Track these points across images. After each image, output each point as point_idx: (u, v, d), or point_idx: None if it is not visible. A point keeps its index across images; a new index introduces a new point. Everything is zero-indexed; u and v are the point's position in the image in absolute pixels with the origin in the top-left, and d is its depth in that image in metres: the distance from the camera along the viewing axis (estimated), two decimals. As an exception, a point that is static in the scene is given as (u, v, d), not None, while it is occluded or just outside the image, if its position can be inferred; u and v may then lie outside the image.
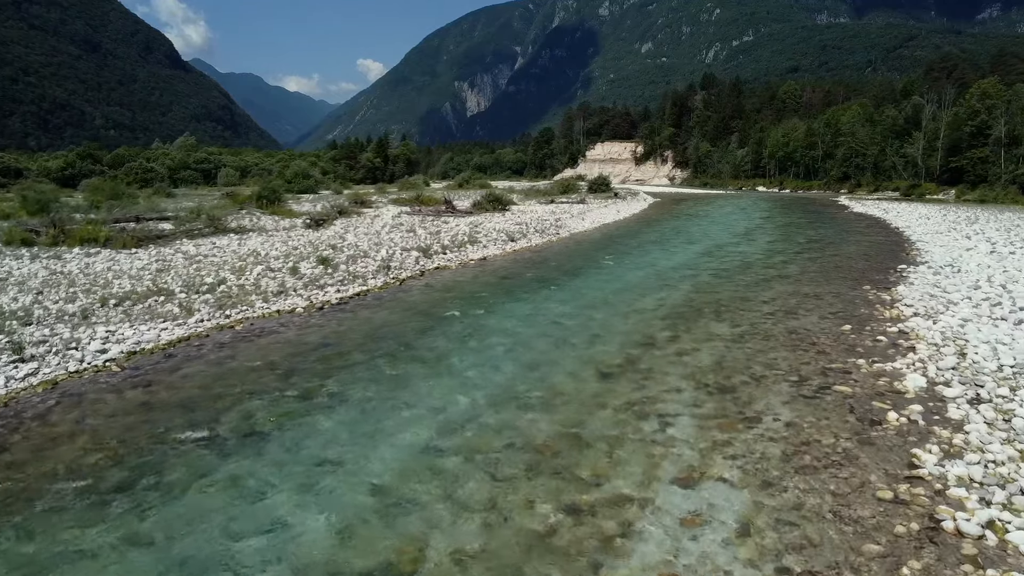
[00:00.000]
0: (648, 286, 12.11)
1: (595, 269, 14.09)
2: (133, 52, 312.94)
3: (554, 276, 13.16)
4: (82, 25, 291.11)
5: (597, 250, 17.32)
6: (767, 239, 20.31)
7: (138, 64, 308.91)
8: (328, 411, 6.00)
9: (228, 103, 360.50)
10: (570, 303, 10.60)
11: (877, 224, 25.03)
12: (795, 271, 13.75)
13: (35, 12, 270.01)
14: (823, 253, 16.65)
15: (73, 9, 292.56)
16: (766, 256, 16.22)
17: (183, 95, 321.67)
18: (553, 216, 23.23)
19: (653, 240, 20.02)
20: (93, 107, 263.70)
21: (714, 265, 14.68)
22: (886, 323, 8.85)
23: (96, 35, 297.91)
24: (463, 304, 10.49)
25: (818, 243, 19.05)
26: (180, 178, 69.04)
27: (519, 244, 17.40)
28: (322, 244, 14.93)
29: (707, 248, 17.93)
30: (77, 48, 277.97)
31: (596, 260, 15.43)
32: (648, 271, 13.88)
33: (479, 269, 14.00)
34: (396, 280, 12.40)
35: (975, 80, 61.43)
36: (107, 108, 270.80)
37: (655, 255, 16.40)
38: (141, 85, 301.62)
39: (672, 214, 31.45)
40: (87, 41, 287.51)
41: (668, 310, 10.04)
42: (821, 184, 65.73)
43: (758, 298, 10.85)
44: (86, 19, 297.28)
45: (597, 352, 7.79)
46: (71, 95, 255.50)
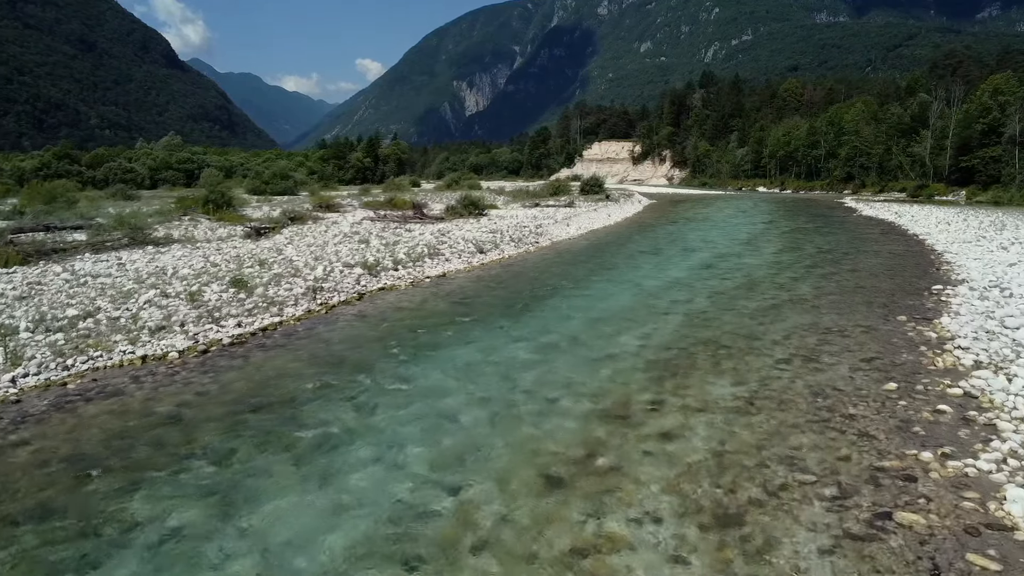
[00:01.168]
0: (632, 315, 9.85)
1: (571, 289, 11.83)
2: (129, 51, 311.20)
3: (519, 300, 10.89)
4: (78, 24, 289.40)
5: (578, 263, 15.05)
6: (772, 248, 18.06)
7: (134, 63, 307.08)
8: None
9: (225, 103, 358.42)
10: (530, 342, 8.33)
11: (892, 230, 22.78)
12: (809, 292, 11.49)
13: (30, 11, 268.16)
14: (838, 267, 14.39)
15: (69, 8, 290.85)
16: (773, 271, 13.96)
17: (179, 95, 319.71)
18: (534, 222, 20.93)
19: (644, 249, 17.74)
20: (88, 107, 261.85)
21: (713, 284, 12.42)
22: (942, 378, 6.59)
23: (92, 34, 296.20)
24: (392, 345, 8.23)
25: (830, 254, 16.79)
26: (161, 179, 66.94)
27: (489, 256, 15.13)
28: (250, 259, 12.66)
29: (705, 260, 15.66)
30: (72, 47, 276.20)
31: (575, 276, 13.17)
32: (634, 292, 11.61)
33: (433, 290, 11.74)
34: (324, 307, 10.13)
35: (980, 77, 59.26)
36: (102, 108, 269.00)
37: (645, 270, 14.13)
38: (137, 85, 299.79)
39: (668, 218, 29.16)
40: (82, 40, 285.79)
41: (653, 354, 7.77)
42: (824, 184, 63.54)
43: (767, 335, 8.58)
44: (82, 18, 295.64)
45: (548, 433, 5.52)
46: (66, 95, 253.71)
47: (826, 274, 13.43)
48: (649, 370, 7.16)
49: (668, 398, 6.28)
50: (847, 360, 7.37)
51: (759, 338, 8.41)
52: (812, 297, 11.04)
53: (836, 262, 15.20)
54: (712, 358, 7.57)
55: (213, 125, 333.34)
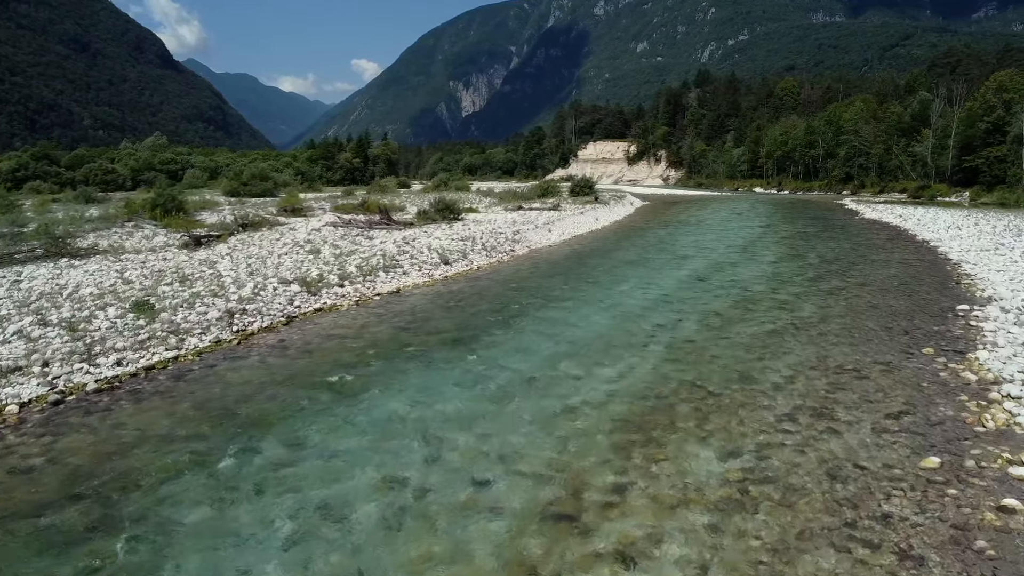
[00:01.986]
0: (606, 346, 8.25)
1: (540, 310, 10.23)
2: (123, 52, 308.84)
3: (475, 326, 9.28)
4: (71, 24, 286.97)
5: (554, 276, 13.44)
6: (771, 257, 16.47)
7: (128, 64, 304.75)
8: None
9: (220, 103, 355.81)
10: (473, 389, 6.73)
11: (898, 235, 21.20)
12: (814, 314, 9.90)
13: (23, 11, 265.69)
14: (845, 280, 12.80)
15: (62, 8, 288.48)
16: (772, 285, 12.38)
17: (174, 95, 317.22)
18: (512, 227, 19.28)
19: (631, 259, 16.13)
20: (81, 107, 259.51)
21: (704, 302, 10.82)
22: (997, 447, 5.00)
23: (86, 35, 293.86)
24: (301, 392, 6.61)
25: (835, 263, 15.20)
26: (144, 180, 65.20)
27: (454, 268, 13.51)
28: (173, 275, 11.01)
29: (696, 271, 14.06)
30: (66, 48, 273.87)
31: (547, 293, 11.57)
32: (612, 314, 10.01)
33: (379, 310, 10.12)
34: (239, 335, 8.50)
35: (981, 75, 57.92)
36: (96, 108, 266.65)
37: (628, 284, 12.53)
38: (131, 85, 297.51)
39: (660, 221, 27.56)
40: (76, 41, 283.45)
41: (623, 406, 6.16)
42: (822, 185, 62.15)
43: (766, 375, 6.99)
44: (75, 18, 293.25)
45: (460, 546, 3.91)
46: (59, 95, 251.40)
47: (832, 289, 11.84)
48: (615, 432, 5.55)
49: (634, 481, 4.67)
50: (869, 416, 5.77)
51: (756, 381, 6.81)
52: (818, 320, 9.45)
53: (842, 274, 13.62)
54: (696, 412, 5.96)
55: (208, 126, 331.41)
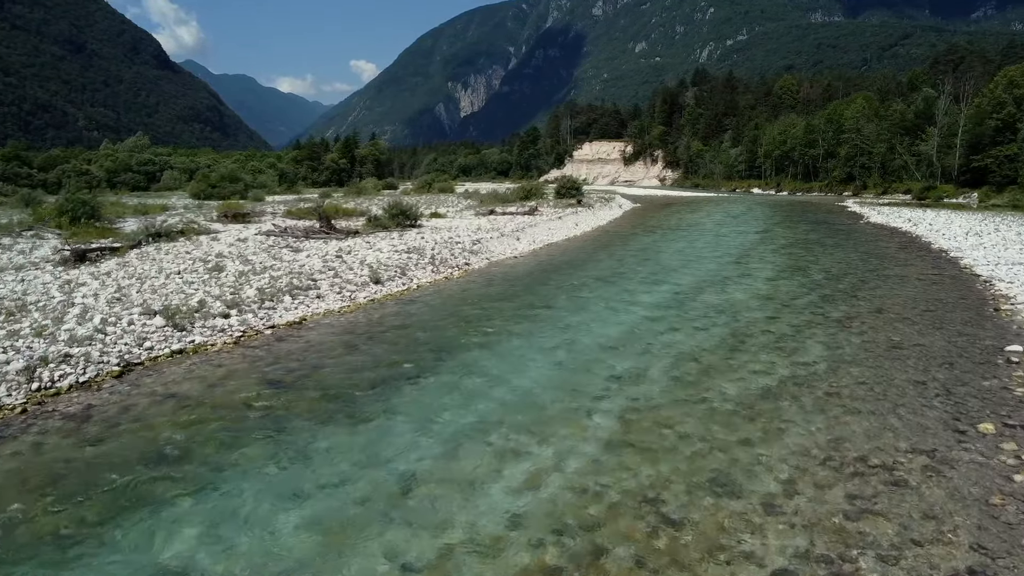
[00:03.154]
0: (527, 422, 5.94)
1: (468, 352, 7.92)
2: (119, 52, 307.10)
3: (366, 382, 6.97)
4: (66, 25, 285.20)
5: (505, 299, 11.14)
6: (767, 272, 14.14)
7: (124, 65, 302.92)
8: None
9: (217, 104, 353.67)
10: (318, 504, 4.42)
11: (910, 243, 18.89)
12: (821, 359, 7.59)
13: (17, 12, 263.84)
14: (857, 305, 10.49)
15: (57, 9, 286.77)
16: (767, 312, 10.07)
17: (170, 96, 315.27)
18: (474, 236, 16.88)
19: (603, 274, 13.79)
20: (76, 108, 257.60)
21: (679, 339, 8.51)
22: None
23: (81, 35, 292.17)
24: (60, 519, 4.30)
25: (843, 280, 12.89)
26: (120, 181, 62.98)
27: (387, 288, 11.20)
28: (4, 305, 8.70)
29: (677, 292, 11.74)
30: (61, 48, 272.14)
31: (486, 325, 9.26)
32: (554, 361, 7.69)
33: (258, 353, 7.82)
34: (35, 397, 6.19)
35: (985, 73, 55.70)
36: (90, 109, 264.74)
37: (590, 310, 10.22)
38: (127, 86, 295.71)
39: (647, 227, 25.22)
40: (71, 41, 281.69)
41: (525, 553, 3.85)
42: (822, 185, 59.94)
43: (754, 482, 4.68)
44: (71, 19, 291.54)
45: None
46: (53, 96, 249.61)
47: (842, 319, 9.52)
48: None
49: None
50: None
51: (738, 491, 4.50)
52: (826, 370, 7.14)
53: (852, 295, 11.31)
54: (635, 564, 3.65)
55: (204, 127, 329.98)
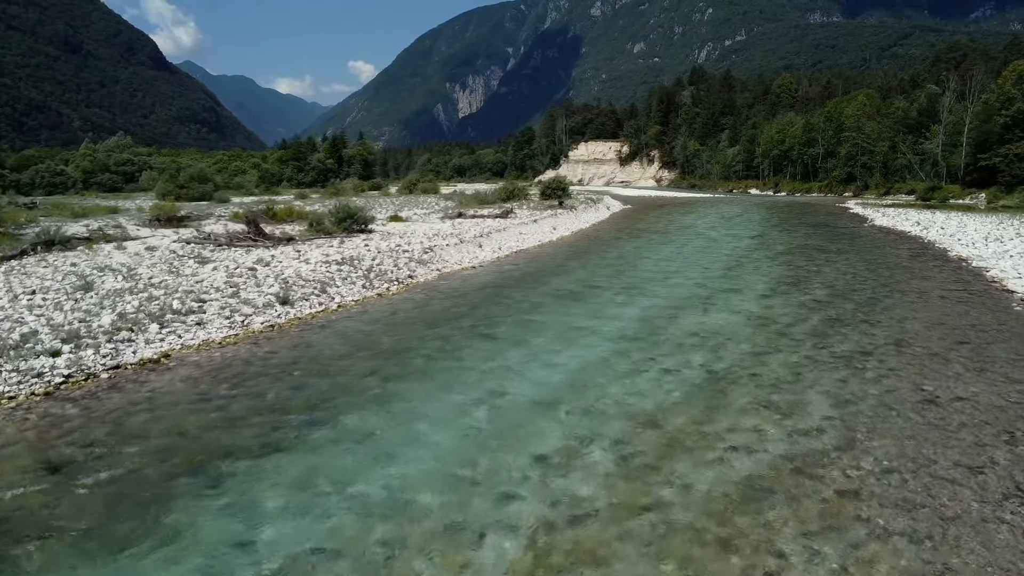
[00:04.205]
0: (391, 547, 4.00)
1: (353, 413, 5.93)
2: (115, 53, 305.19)
3: (194, 465, 5.04)
4: (62, 25, 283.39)
5: (440, 324, 9.15)
6: (761, 287, 12.10)
7: (120, 65, 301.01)
8: None
9: (214, 105, 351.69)
10: None
11: (923, 250, 16.84)
12: (828, 423, 5.58)
13: (13, 12, 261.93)
14: (871, 335, 8.44)
15: (53, 9, 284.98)
16: (758, 347, 8.06)
17: (167, 97, 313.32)
18: (426, 243, 14.80)
19: (569, 290, 11.77)
20: (71, 109, 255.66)
21: (638, 394, 6.45)
22: None
23: (77, 36, 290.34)
24: None
25: (851, 298, 10.82)
26: (96, 182, 61.10)
27: (296, 310, 9.21)
28: None
29: (649, 317, 9.68)
30: (56, 49, 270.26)
31: (401, 362, 7.30)
32: (468, 427, 5.68)
33: (70, 411, 5.87)
34: None
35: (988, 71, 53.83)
36: (85, 110, 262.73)
37: (539, 343, 8.21)
38: (123, 87, 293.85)
39: (632, 231, 23.27)
40: (67, 42, 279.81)
41: None
42: (822, 186, 58.06)
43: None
44: (67, 19, 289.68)
45: None
46: (48, 96, 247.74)
47: (853, 354, 7.52)
48: None
49: None
50: None
51: None
52: (837, 447, 5.13)
53: (864, 319, 9.31)
54: None
55: (201, 127, 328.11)
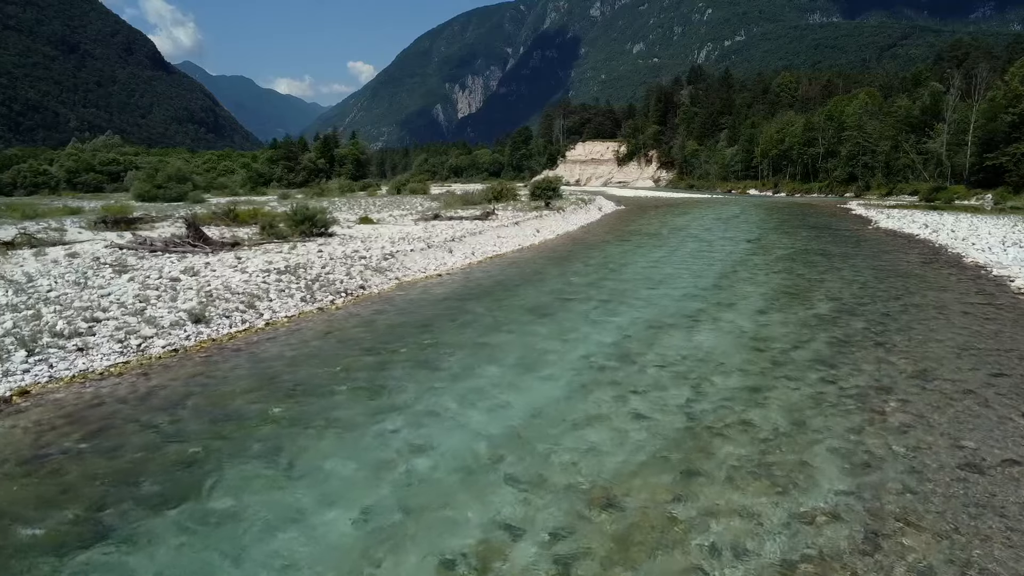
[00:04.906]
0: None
1: (238, 472, 4.58)
2: (113, 53, 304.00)
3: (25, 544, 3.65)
4: (60, 25, 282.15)
5: (379, 347, 7.71)
6: (756, 300, 10.36)
7: (118, 65, 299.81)
8: None
9: (212, 105, 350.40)
10: None
11: (935, 254, 15.38)
12: (844, 502, 3.96)
13: (10, 12, 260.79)
14: (887, 367, 6.63)
15: (50, 9, 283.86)
16: (750, 380, 6.39)
17: (165, 97, 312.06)
18: (388, 249, 13.33)
19: (540, 303, 10.19)
20: (68, 109, 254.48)
21: (595, 452, 4.60)
22: None
23: (74, 35, 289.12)
24: None
25: (859, 315, 9.12)
26: (81, 182, 59.78)
27: (211, 330, 7.86)
28: None
29: (623, 340, 7.90)
30: (53, 48, 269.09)
31: (310, 405, 5.92)
32: (361, 510, 4.10)
33: None
34: None
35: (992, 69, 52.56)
36: (82, 110, 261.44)
37: (488, 376, 6.63)
38: (120, 87, 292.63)
39: (622, 233, 21.91)
40: (64, 42, 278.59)
41: None
42: (822, 186, 56.76)
43: None
44: (64, 19, 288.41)
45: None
46: (44, 96, 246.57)
47: (867, 393, 5.94)
48: None
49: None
50: None
51: None
52: (859, 540, 3.65)
53: (878, 341, 7.71)
54: None
55: (199, 127, 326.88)
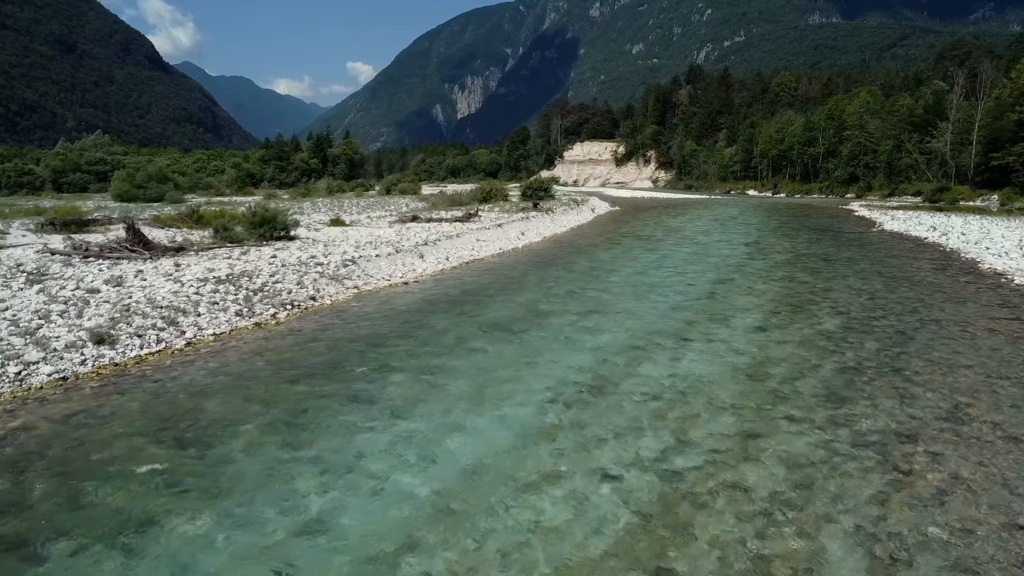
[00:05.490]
0: None
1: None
2: (111, 53, 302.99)
3: None
4: (57, 25, 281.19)
5: (321, 368, 6.49)
6: (753, 314, 9.01)
7: (115, 65, 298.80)
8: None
9: (211, 105, 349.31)
10: None
11: (948, 260, 14.06)
12: None
13: (7, 11, 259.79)
14: (912, 401, 5.45)
15: (48, 8, 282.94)
16: (744, 423, 5.01)
17: (163, 97, 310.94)
18: (350, 254, 12.02)
19: (509, 317, 8.90)
20: (65, 109, 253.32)
21: (553, 523, 3.55)
22: None
23: (72, 35, 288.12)
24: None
25: (871, 333, 7.85)
26: (67, 182, 58.59)
27: (114, 353, 6.66)
28: None
29: (600, 362, 6.72)
30: (51, 48, 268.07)
31: (220, 445, 4.77)
32: None
33: None
34: None
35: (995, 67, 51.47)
36: (80, 110, 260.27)
37: (436, 409, 5.40)
38: (118, 87, 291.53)
39: (613, 236, 20.73)
40: (62, 41, 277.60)
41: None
42: (823, 187, 55.64)
43: None
44: (62, 19, 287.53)
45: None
46: (42, 96, 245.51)
47: (887, 440, 4.67)
48: None
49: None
50: None
51: None
52: None
53: (895, 369, 6.46)
54: None
55: (197, 128, 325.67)
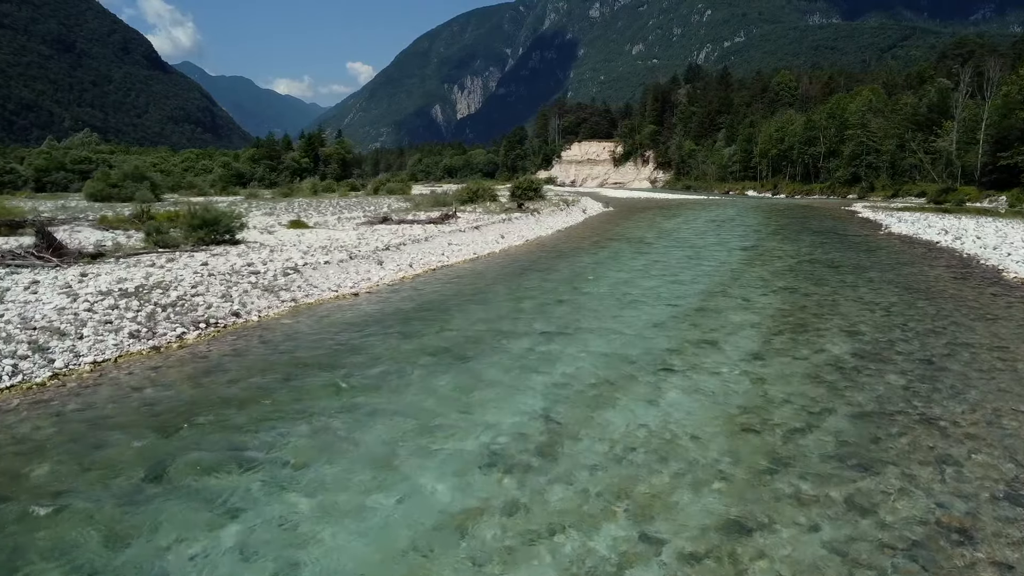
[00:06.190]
0: None
1: None
2: (109, 53, 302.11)
3: None
4: (55, 24, 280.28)
5: (203, 411, 5.04)
6: (749, 337, 7.34)
7: (114, 65, 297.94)
8: None
9: (209, 105, 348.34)
10: None
11: (966, 267, 12.66)
12: None
13: (5, 10, 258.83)
14: (954, 470, 3.91)
15: (46, 8, 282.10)
16: (733, 499, 3.56)
17: (161, 97, 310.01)
18: (301, 260, 10.91)
19: (466, 338, 7.28)
20: (63, 108, 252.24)
21: None
22: None
23: (70, 35, 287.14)
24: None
25: (890, 362, 6.28)
26: (50, 181, 57.29)
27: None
28: None
29: (557, 403, 5.10)
30: (49, 47, 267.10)
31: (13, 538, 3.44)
32: None
33: None
34: None
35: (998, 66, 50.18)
36: (78, 109, 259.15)
37: (333, 473, 3.90)
38: (116, 86, 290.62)
39: (602, 239, 19.41)
40: (60, 41, 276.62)
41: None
42: (824, 187, 54.34)
43: None
44: (60, 18, 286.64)
45: None
46: (39, 96, 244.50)
47: (927, 535, 3.20)
48: None
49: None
50: None
51: None
52: None
53: (926, 417, 4.87)
54: None
55: (196, 127, 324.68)
